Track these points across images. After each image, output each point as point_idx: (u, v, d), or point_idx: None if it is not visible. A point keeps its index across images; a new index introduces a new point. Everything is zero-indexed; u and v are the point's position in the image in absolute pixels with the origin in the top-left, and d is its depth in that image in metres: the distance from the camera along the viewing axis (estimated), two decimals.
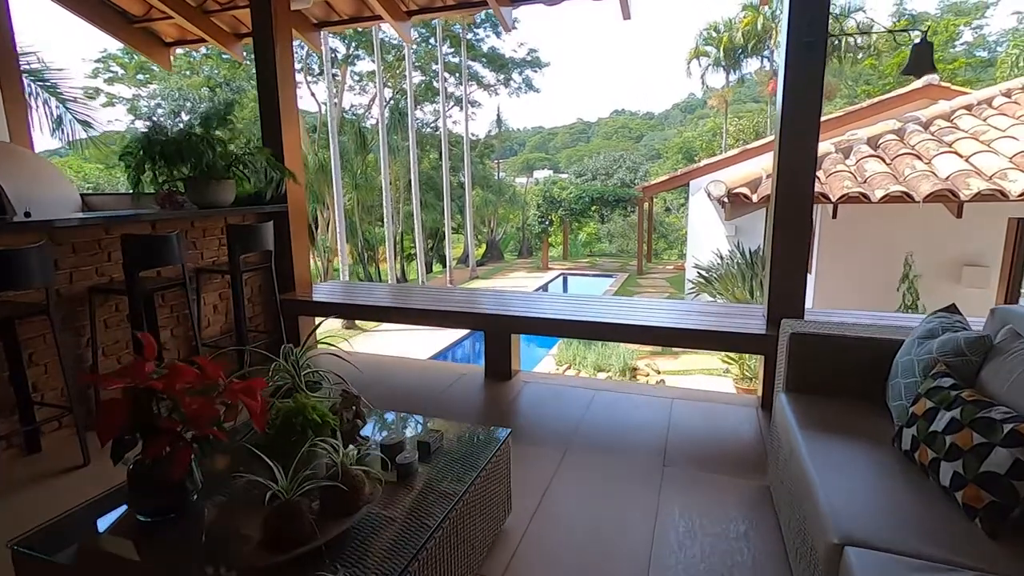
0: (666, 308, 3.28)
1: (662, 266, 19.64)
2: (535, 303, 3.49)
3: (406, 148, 16.07)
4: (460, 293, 3.76)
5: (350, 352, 4.13)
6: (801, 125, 2.62)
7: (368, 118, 24.03)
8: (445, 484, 1.59)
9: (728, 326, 2.85)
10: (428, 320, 3.40)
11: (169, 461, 1.33)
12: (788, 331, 1.99)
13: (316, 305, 3.62)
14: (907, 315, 3.09)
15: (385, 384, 3.41)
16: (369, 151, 20.04)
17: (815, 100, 2.58)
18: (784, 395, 1.93)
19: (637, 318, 3.04)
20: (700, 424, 2.79)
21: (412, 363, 3.86)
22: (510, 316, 3.16)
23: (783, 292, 2.81)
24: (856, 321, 2.40)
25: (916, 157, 5.81)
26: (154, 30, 5.74)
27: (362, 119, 23.79)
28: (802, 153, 2.64)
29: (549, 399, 3.16)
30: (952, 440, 1.29)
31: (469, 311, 3.27)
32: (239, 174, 3.48)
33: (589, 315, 3.12)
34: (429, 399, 3.14)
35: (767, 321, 2.88)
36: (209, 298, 3.43)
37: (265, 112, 3.67)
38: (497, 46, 23.58)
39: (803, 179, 2.66)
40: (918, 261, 6.25)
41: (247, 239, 3.17)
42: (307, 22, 5.23)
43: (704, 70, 23.61)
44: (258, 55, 3.65)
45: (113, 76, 30.20)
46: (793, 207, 2.69)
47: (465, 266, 20.26)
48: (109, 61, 29.87)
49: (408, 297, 3.70)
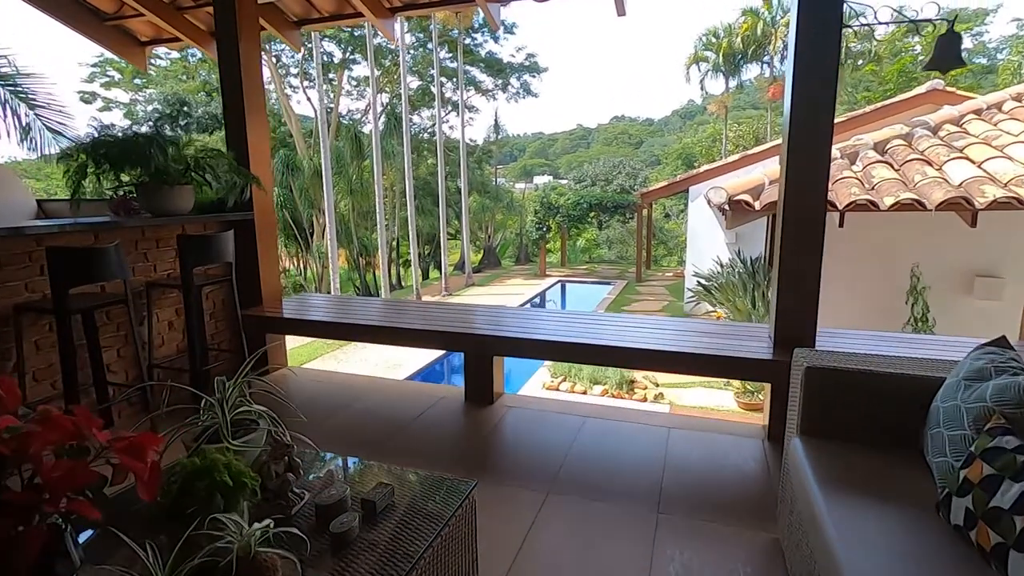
0: (662, 328, 2.99)
1: (661, 273, 19.36)
2: (521, 321, 3.20)
3: (403, 153, 15.82)
4: (441, 309, 3.47)
5: (319, 372, 3.85)
6: (812, 128, 2.35)
7: (365, 123, 23.83)
8: (390, 556, 1.30)
9: (730, 349, 2.56)
10: (402, 340, 3.12)
11: (18, 545, 1.04)
12: (803, 363, 1.70)
13: (282, 322, 3.33)
14: (940, 337, 2.79)
15: (354, 410, 3.12)
16: (365, 157, 19.84)
17: (827, 101, 2.31)
18: (799, 441, 1.64)
19: (630, 339, 2.75)
20: (700, 460, 2.50)
21: (388, 385, 3.57)
22: (492, 337, 2.87)
23: (792, 313, 2.52)
24: (880, 350, 2.12)
25: (926, 163, 5.54)
26: (128, 29, 5.48)
27: (359, 124, 23.59)
28: (813, 159, 2.36)
29: (533, 428, 2.87)
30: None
31: (447, 330, 2.98)
32: (199, 179, 3.21)
33: (578, 335, 2.83)
34: (399, 429, 2.84)
35: (774, 344, 2.59)
36: (164, 314, 3.14)
37: (229, 113, 3.40)
38: (495, 51, 23.43)
39: (814, 188, 2.38)
40: (926, 272, 5.97)
41: (202, 250, 2.89)
42: (286, 19, 4.98)
43: (703, 75, 23.43)
44: (221, 51, 3.39)
45: (110, 81, 30.07)
46: (803, 218, 2.41)
47: (461, 273, 19.98)
48: (106, 66, 29.74)
49: (383, 314, 3.40)
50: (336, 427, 2.90)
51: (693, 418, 2.97)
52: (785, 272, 2.50)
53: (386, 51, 22.37)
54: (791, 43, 2.35)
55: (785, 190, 2.43)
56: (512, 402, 3.15)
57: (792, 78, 2.34)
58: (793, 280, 2.49)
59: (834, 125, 2.36)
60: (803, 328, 2.52)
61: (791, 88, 2.36)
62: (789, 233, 2.45)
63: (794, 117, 2.36)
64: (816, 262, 2.44)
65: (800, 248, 2.45)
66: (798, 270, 2.47)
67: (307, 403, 3.31)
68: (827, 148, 2.35)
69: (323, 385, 3.49)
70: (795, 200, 2.41)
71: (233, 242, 3.08)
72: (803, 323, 2.51)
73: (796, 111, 2.36)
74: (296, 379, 3.59)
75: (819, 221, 2.40)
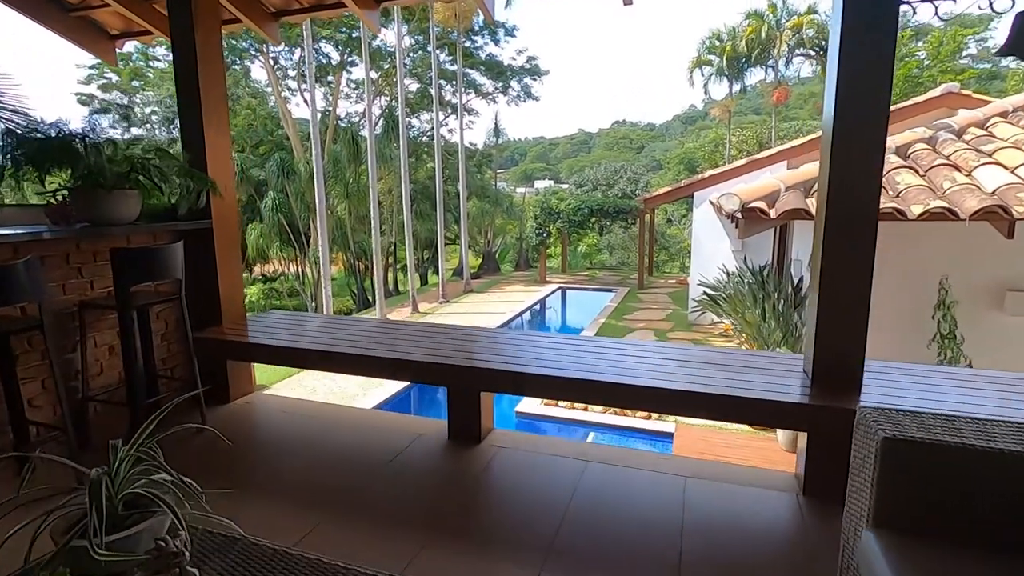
0: (673, 357, 2.58)
1: (664, 280, 18.95)
2: (514, 348, 2.78)
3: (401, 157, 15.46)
4: (423, 333, 3.05)
5: (287, 401, 3.44)
6: (863, 117, 1.94)
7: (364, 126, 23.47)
8: None
9: (756, 387, 2.14)
10: (374, 371, 2.70)
11: None
12: (874, 429, 1.29)
13: (240, 347, 2.92)
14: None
15: (320, 449, 2.70)
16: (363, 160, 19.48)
17: (883, 81, 1.91)
18: (873, 536, 1.22)
19: (637, 372, 2.34)
20: (723, 522, 2.08)
21: (361, 417, 3.16)
22: (479, 369, 2.45)
23: (834, 345, 2.11)
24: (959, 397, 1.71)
25: (954, 168, 5.14)
26: (96, 21, 5.10)
27: (357, 127, 23.26)
28: (864, 155, 1.96)
29: (526, 475, 2.45)
30: None
31: (426, 360, 2.56)
32: (146, 183, 2.81)
33: (580, 366, 2.42)
34: (368, 476, 2.43)
35: (811, 380, 2.18)
36: (104, 338, 2.74)
37: (184, 110, 3.01)
38: (495, 53, 23.11)
39: (865, 191, 1.98)
40: (952, 285, 5.56)
41: (141, 265, 2.49)
42: (263, 11, 4.59)
43: (707, 79, 23.10)
44: (175, 38, 3.00)
45: (107, 83, 29.83)
46: (850, 230, 2.01)
47: (459, 278, 19.58)
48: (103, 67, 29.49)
49: (357, 338, 2.99)
50: (297, 473, 2.48)
51: (713, 464, 2.55)
52: (827, 295, 2.09)
53: (385, 54, 22.06)
54: (836, 7, 1.95)
55: (828, 194, 2.02)
56: (502, 440, 2.74)
57: (838, 53, 1.94)
58: (837, 305, 2.08)
59: (888, 119, 1.95)
60: (848, 364, 2.11)
61: (836, 67, 1.96)
62: (833, 247, 2.04)
63: (840, 103, 1.96)
64: (866, 283, 2.04)
65: (846, 266, 2.04)
66: (844, 292, 2.06)
67: (269, 440, 2.90)
68: (880, 141, 1.95)
69: (290, 417, 3.08)
70: (840, 207, 2.01)
71: (182, 255, 2.67)
72: (848, 358, 2.10)
73: (843, 95, 1.95)
74: (261, 409, 3.18)
75: (870, 233, 2.00)
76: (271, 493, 2.30)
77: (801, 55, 21.66)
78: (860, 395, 2.06)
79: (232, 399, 3.23)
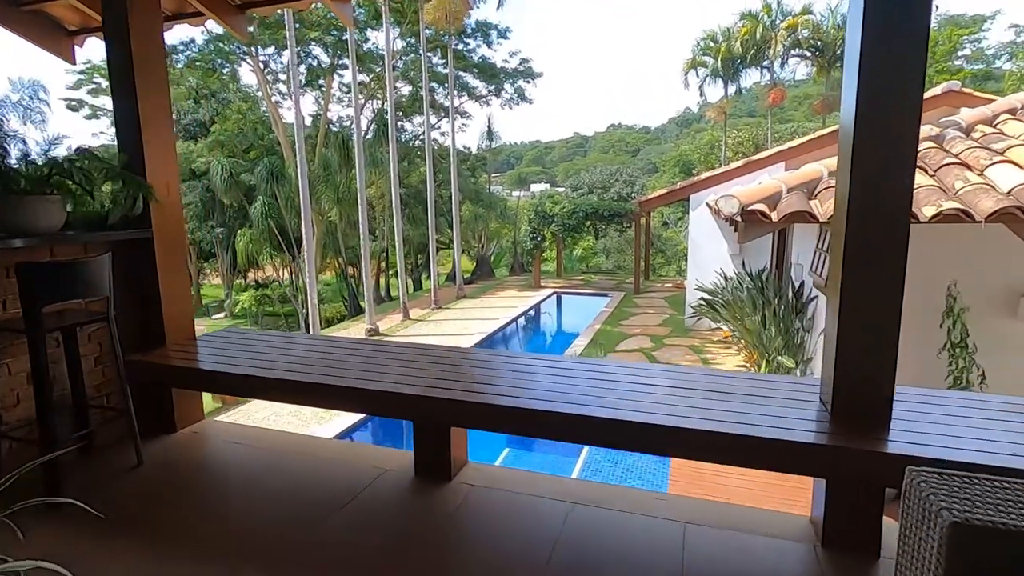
0: (666, 382, 2.25)
1: (660, 284, 18.68)
2: (489, 373, 2.46)
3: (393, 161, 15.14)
4: (393, 355, 2.72)
5: (240, 430, 3.11)
6: (893, 105, 1.64)
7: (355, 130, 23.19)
8: None
9: (762, 421, 1.82)
10: (333, 402, 2.38)
11: None
12: (934, 506, 0.98)
13: (180, 372, 2.57)
14: None
15: (268, 489, 2.37)
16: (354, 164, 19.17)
17: (916, 63, 1.60)
18: None
19: (624, 401, 2.02)
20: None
21: (321, 448, 2.82)
22: (447, 401, 2.12)
23: (858, 371, 1.80)
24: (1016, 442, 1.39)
25: (965, 167, 4.85)
26: (51, 16, 4.78)
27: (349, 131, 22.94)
28: (893, 148, 1.65)
29: (501, 521, 2.13)
30: None
31: (392, 390, 2.23)
32: (73, 188, 2.49)
33: (561, 395, 2.10)
34: (312, 527, 2.09)
35: (830, 413, 1.86)
36: (18, 364, 2.40)
37: (119, 107, 2.68)
38: (488, 55, 22.86)
39: (893, 191, 1.67)
40: (962, 290, 5.26)
41: (54, 281, 2.16)
42: (226, 4, 4.28)
43: (702, 81, 22.90)
44: (107, 27, 2.69)
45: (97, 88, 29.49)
46: (878, 236, 1.70)
47: (452, 284, 19.25)
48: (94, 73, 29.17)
49: (318, 363, 2.65)
50: (237, 518, 2.15)
51: (713, 505, 2.23)
52: (850, 312, 1.77)
53: (376, 56, 21.77)
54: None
55: (849, 198, 1.71)
56: (476, 477, 2.41)
57: (860, 33, 1.63)
58: (862, 323, 1.77)
59: (922, 107, 1.64)
60: (874, 394, 1.80)
61: (858, 45, 1.65)
62: (857, 258, 1.73)
63: (863, 91, 1.65)
64: (896, 298, 1.73)
65: (873, 279, 1.73)
66: (870, 309, 1.75)
67: (213, 478, 2.57)
68: (913, 136, 1.64)
69: (240, 449, 2.75)
70: (866, 212, 1.70)
71: (110, 269, 2.34)
72: (875, 387, 1.79)
73: (866, 80, 1.64)
74: (210, 440, 2.85)
75: (900, 241, 1.69)
76: (203, 543, 1.97)
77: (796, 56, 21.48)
78: (888, 432, 1.75)
79: (179, 428, 2.89)
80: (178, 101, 26.58)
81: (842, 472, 1.70)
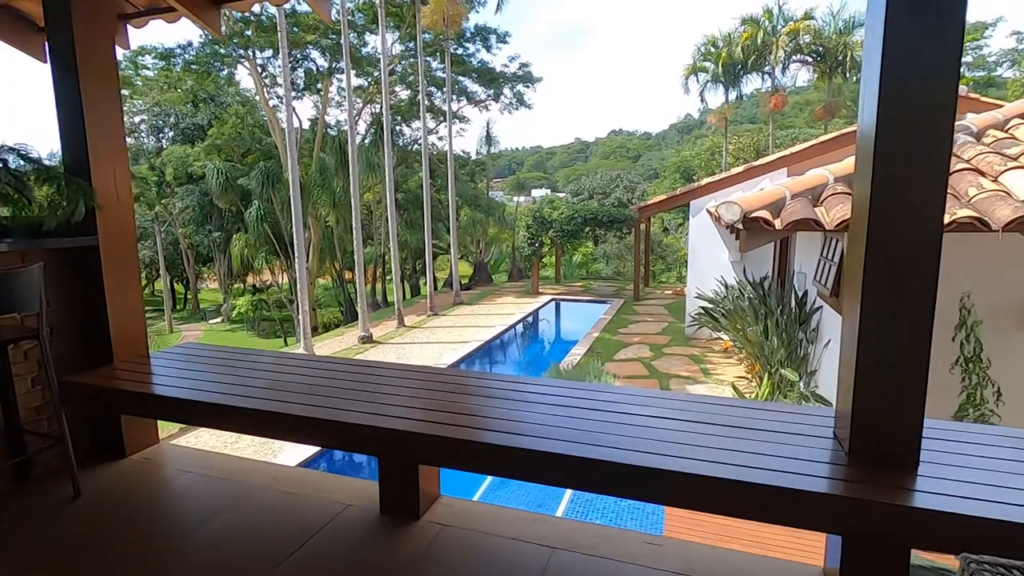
0: (659, 412, 2.01)
1: (660, 291, 18.43)
2: (468, 399, 2.21)
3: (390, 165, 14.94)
4: (361, 376, 2.46)
5: (196, 455, 2.85)
6: (921, 112, 1.41)
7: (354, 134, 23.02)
8: None
9: (769, 465, 1.57)
10: (291, 434, 2.13)
11: None
12: None
13: (119, 395, 2.32)
14: None
15: (212, 530, 2.12)
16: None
17: (952, 50, 1.37)
18: None
19: (624, 438, 1.77)
20: None
21: (281, 477, 2.55)
22: (416, 436, 1.87)
23: (880, 407, 1.55)
24: None
25: (978, 173, 4.61)
26: (20, 11, 4.56)
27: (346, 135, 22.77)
28: (923, 149, 1.41)
29: (471, 570, 1.87)
30: None
31: (353, 421, 1.97)
32: (11, 193, 2.26)
33: (547, 428, 1.85)
34: (265, 571, 1.85)
35: (847, 453, 1.61)
36: None
37: (64, 109, 2.45)
38: (487, 60, 22.72)
39: (924, 204, 1.43)
40: (975, 304, 5.01)
41: None
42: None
43: (703, 86, 22.73)
44: (47, 9, 2.46)
45: None
46: (905, 251, 1.46)
47: (450, 290, 19.00)
48: None
49: (275, 385, 2.40)
50: (178, 564, 1.91)
51: (714, 552, 1.98)
52: (871, 333, 1.53)
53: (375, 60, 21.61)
54: None
55: (870, 206, 1.47)
56: (448, 515, 2.16)
57: (883, 20, 1.40)
58: (886, 348, 1.52)
59: (957, 100, 1.41)
60: (899, 430, 1.55)
61: (880, 40, 1.42)
62: (881, 273, 1.49)
63: (886, 78, 1.41)
64: (927, 318, 1.48)
65: (899, 297, 1.48)
66: (896, 332, 1.50)
67: (159, 515, 2.32)
68: (946, 138, 1.40)
69: (193, 478, 2.50)
70: (889, 222, 1.46)
71: (40, 280, 2.11)
72: (899, 423, 1.54)
73: (890, 78, 1.41)
74: (161, 467, 2.60)
75: (932, 255, 1.45)
76: None
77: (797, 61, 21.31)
78: (916, 479, 1.50)
79: (129, 454, 2.65)
80: (176, 105, 26.49)
81: (861, 529, 1.45)
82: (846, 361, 1.66)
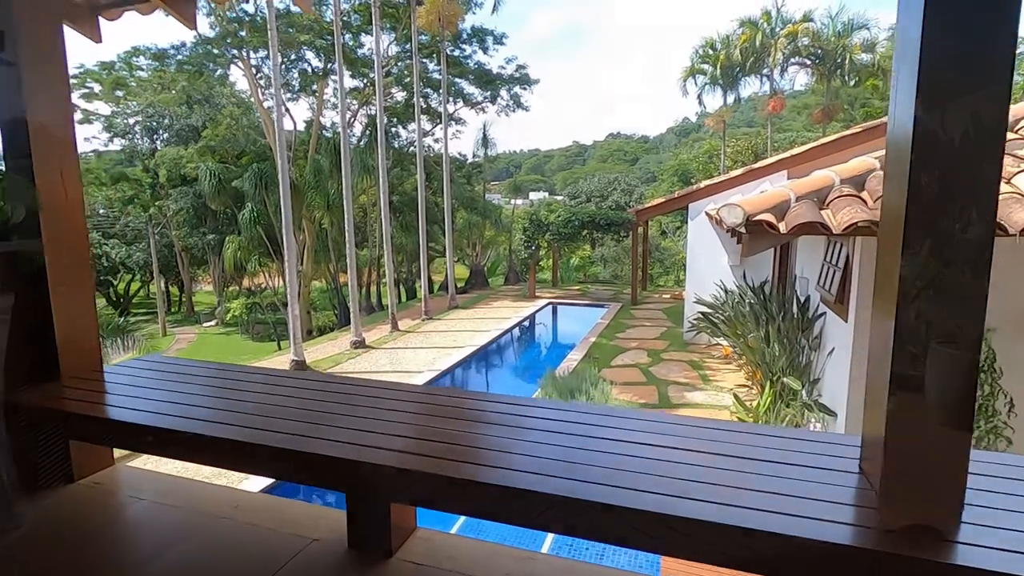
0: (657, 440, 1.79)
1: (658, 294, 18.23)
2: (449, 423, 1.98)
3: (385, 167, 14.73)
4: (327, 394, 2.24)
5: (154, 479, 2.63)
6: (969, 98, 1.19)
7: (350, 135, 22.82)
8: None
9: (783, 508, 1.35)
10: (242, 465, 1.91)
11: None
12: None
13: (59, 416, 2.09)
14: None
15: (167, 563, 1.89)
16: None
17: (1006, 35, 1.16)
18: None
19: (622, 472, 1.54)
20: None
21: (244, 504, 2.33)
22: (387, 469, 1.64)
23: (916, 428, 1.33)
24: None
25: None
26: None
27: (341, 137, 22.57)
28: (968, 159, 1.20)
29: None
30: None
31: (313, 451, 1.75)
32: None
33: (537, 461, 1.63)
34: None
35: (876, 493, 1.39)
36: None
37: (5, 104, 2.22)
38: (484, 62, 22.55)
39: (976, 204, 1.22)
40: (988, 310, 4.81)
41: None
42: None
43: (701, 89, 22.60)
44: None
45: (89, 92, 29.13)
46: (949, 256, 1.24)
47: (445, 293, 18.78)
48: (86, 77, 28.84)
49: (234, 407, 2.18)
50: None
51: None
52: (905, 362, 1.31)
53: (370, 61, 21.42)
54: None
55: (906, 216, 1.25)
56: (424, 552, 1.93)
57: (922, 9, 1.19)
58: (924, 379, 1.30)
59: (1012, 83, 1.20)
60: (939, 465, 1.33)
61: (919, 30, 1.20)
62: (913, 284, 1.28)
63: (927, 64, 1.20)
64: (974, 344, 1.27)
65: (941, 315, 1.27)
66: (938, 359, 1.28)
67: (103, 550, 2.09)
68: (1002, 121, 1.19)
69: (147, 506, 2.27)
70: (933, 220, 1.24)
71: None
72: (941, 456, 1.32)
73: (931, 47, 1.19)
74: (112, 494, 2.37)
75: (983, 262, 1.23)
76: None
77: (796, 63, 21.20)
78: (959, 527, 1.28)
79: (79, 478, 2.41)
80: (170, 106, 26.26)
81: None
82: (873, 379, 1.44)
